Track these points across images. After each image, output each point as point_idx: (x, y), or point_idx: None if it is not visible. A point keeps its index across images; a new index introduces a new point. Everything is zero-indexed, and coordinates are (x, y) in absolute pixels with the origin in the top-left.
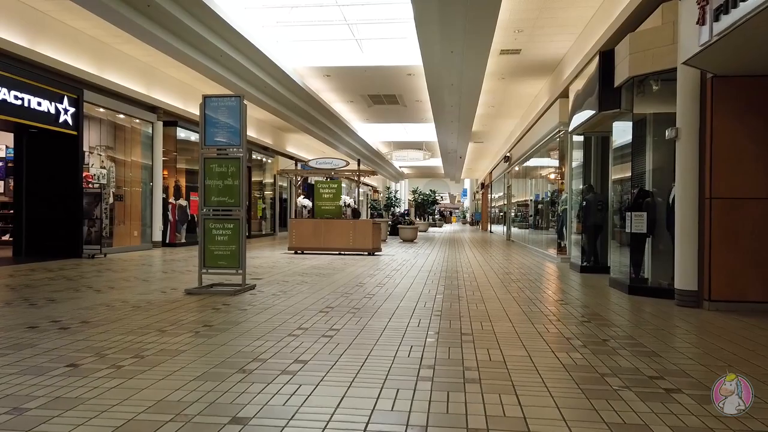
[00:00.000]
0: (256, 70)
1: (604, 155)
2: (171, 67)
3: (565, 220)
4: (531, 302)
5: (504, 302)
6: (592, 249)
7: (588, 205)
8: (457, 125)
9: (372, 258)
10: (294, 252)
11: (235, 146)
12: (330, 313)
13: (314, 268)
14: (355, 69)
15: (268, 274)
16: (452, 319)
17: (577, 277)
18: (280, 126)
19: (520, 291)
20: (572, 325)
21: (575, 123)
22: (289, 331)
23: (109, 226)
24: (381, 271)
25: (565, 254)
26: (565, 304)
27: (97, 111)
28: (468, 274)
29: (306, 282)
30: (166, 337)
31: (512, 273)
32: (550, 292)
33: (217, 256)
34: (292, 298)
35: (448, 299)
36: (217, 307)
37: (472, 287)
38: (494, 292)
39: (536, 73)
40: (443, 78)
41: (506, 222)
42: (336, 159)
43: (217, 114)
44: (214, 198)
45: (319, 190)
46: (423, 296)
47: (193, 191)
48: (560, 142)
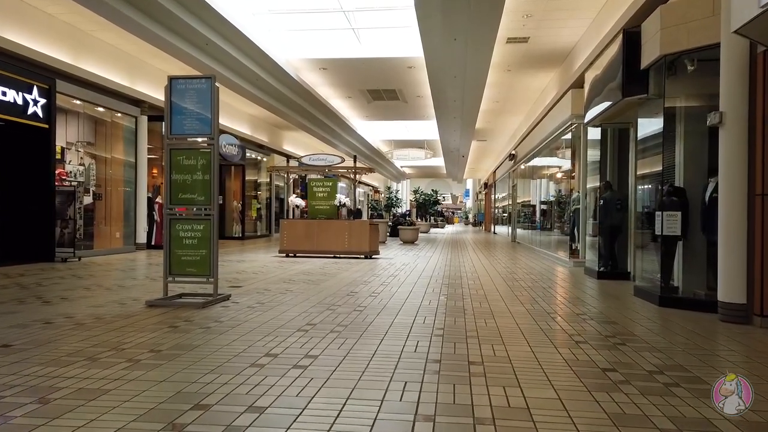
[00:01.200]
0: (247, 61)
1: (623, 149)
2: (156, 58)
3: (578, 221)
4: (548, 317)
5: (516, 317)
6: (609, 253)
7: (605, 205)
8: (459, 122)
9: (369, 262)
10: (285, 255)
11: (205, 135)
12: (310, 332)
13: (304, 273)
14: (352, 61)
15: (249, 281)
16: (457, 340)
17: (594, 285)
18: (277, 123)
19: (533, 302)
20: (603, 349)
21: (592, 114)
22: (254, 360)
23: (88, 227)
24: (377, 277)
25: (577, 258)
26: (589, 320)
27: (73, 103)
28: (473, 280)
29: (290, 291)
30: (94, 369)
31: (521, 279)
32: (568, 304)
33: (185, 262)
34: (269, 312)
35: (452, 313)
36: (177, 324)
37: (478, 297)
38: (504, 303)
39: (545, 64)
40: (446, 69)
41: (511, 223)
42: (331, 155)
43: (185, 99)
44: (181, 195)
45: (313, 189)
46: (422, 309)
47: None
48: (572, 137)
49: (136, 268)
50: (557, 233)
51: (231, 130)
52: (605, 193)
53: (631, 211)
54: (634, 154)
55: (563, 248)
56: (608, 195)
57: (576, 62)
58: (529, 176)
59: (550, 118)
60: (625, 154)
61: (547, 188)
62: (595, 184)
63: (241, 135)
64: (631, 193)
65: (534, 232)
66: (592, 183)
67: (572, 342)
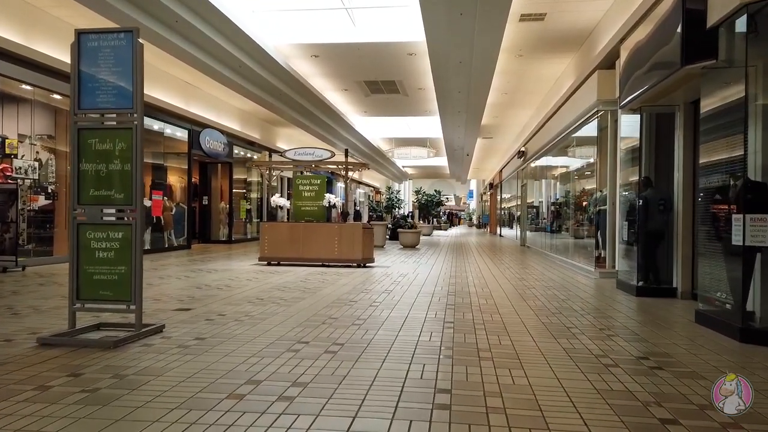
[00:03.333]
0: (226, 43)
1: (665, 139)
2: None
3: (603, 224)
4: (604, 368)
5: (555, 364)
6: (650, 263)
7: (646, 205)
8: (464, 117)
9: (361, 272)
10: (267, 263)
11: (125, 110)
12: (246, 401)
13: (279, 288)
14: (346, 47)
15: (206, 300)
16: (474, 420)
17: (634, 304)
18: (269, 119)
19: (570, 336)
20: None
21: (630, 93)
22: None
23: (42, 231)
24: (366, 293)
25: (604, 267)
26: (658, 369)
27: (23, 89)
28: (484, 299)
29: (250, 316)
30: None
31: (544, 297)
32: (619, 339)
33: (99, 282)
34: (203, 357)
35: (461, 357)
36: (52, 382)
37: (496, 328)
38: (530, 337)
39: (563, 46)
40: (450, 53)
41: (521, 225)
42: (320, 149)
43: (97, 61)
44: (93, 192)
45: (299, 187)
46: (420, 350)
47: (156, 189)
48: (598, 126)
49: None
50: (575, 237)
51: (217, 125)
52: (645, 191)
53: (677, 213)
54: (680, 144)
55: (584, 255)
56: (649, 193)
57: (604, 37)
58: (541, 174)
59: (569, 108)
60: (669, 144)
61: (565, 186)
62: (627, 180)
63: (229, 131)
64: (677, 190)
65: (547, 236)
66: (625, 179)
67: (655, 422)
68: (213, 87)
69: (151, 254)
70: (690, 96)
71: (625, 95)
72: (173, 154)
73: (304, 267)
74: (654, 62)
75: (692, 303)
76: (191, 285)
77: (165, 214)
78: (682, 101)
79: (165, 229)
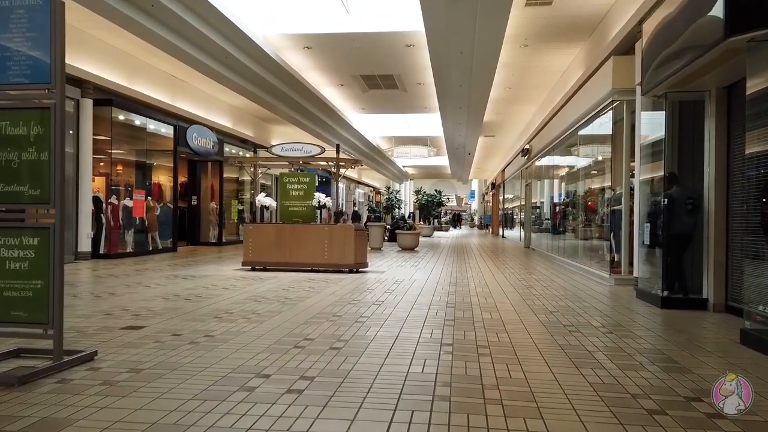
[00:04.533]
0: (209, 31)
1: (692, 130)
2: (103, 30)
3: (617, 225)
4: (648, 418)
5: (586, 413)
6: (677, 270)
7: (671, 204)
8: (466, 113)
9: (352, 278)
10: (251, 268)
11: (41, 86)
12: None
13: (255, 299)
14: (340, 38)
15: (165, 315)
16: None
17: (662, 318)
18: (263, 116)
19: (599, 368)
20: None
21: (655, 78)
22: None
23: None
24: (354, 305)
25: (619, 273)
26: (718, 418)
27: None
28: (488, 311)
29: (209, 337)
30: None
31: (557, 308)
32: (657, 370)
33: (9, 300)
34: (126, 400)
35: (461, 400)
36: None
37: (503, 352)
38: (549, 369)
39: (572, 34)
40: (450, 43)
41: (526, 226)
42: (309, 144)
43: (8, 25)
44: (2, 187)
45: (286, 186)
46: (410, 388)
47: (138, 188)
48: (613, 118)
49: None
50: (584, 239)
51: (206, 122)
52: (671, 189)
53: (708, 213)
54: (712, 135)
55: (596, 259)
56: (675, 191)
57: (621, 18)
58: (546, 172)
59: (579, 100)
60: (697, 135)
61: (573, 185)
62: (647, 176)
63: (219, 128)
64: (707, 187)
65: (553, 238)
66: (645, 175)
67: None
68: (202, 81)
69: (134, 257)
70: (724, 79)
71: (649, 80)
72: (158, 151)
73: (291, 273)
74: (686, 38)
75: (727, 317)
76: (158, 295)
77: (149, 214)
78: (715, 86)
79: (149, 230)
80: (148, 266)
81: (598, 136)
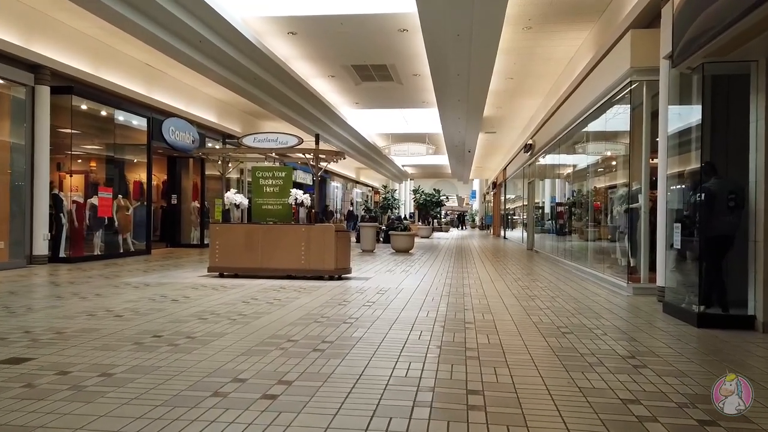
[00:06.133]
0: (181, 13)
1: (732, 111)
2: (65, 12)
3: (633, 225)
4: None
5: None
6: (715, 280)
7: (710, 200)
8: (465, 107)
9: (330, 286)
10: (218, 275)
11: None
12: None
13: (198, 318)
14: (327, 21)
15: (73, 340)
16: None
17: (703, 344)
18: (251, 110)
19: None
20: None
21: (692, 44)
22: None
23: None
24: (319, 325)
25: (638, 281)
26: None
27: None
28: (485, 333)
29: (107, 375)
30: None
31: (572, 330)
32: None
33: None
34: None
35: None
36: None
37: (504, 399)
38: (565, 427)
39: (580, 14)
40: (446, 23)
41: (529, 227)
42: (285, 134)
43: None
44: None
45: (259, 181)
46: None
47: (104, 186)
48: (631, 103)
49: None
50: (595, 241)
51: (187, 115)
52: (708, 182)
53: (754, 211)
54: (760, 115)
55: (609, 264)
56: (714, 184)
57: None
58: (551, 169)
59: (590, 85)
60: (739, 117)
61: (581, 182)
62: (674, 169)
63: (202, 121)
64: (753, 180)
65: (558, 239)
66: (672, 168)
67: None
68: (182, 71)
69: (101, 261)
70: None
71: (682, 50)
72: (130, 145)
73: (263, 280)
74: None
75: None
76: (87, 310)
77: (119, 214)
78: (765, 54)
79: (121, 232)
80: (106, 272)
81: (612, 124)
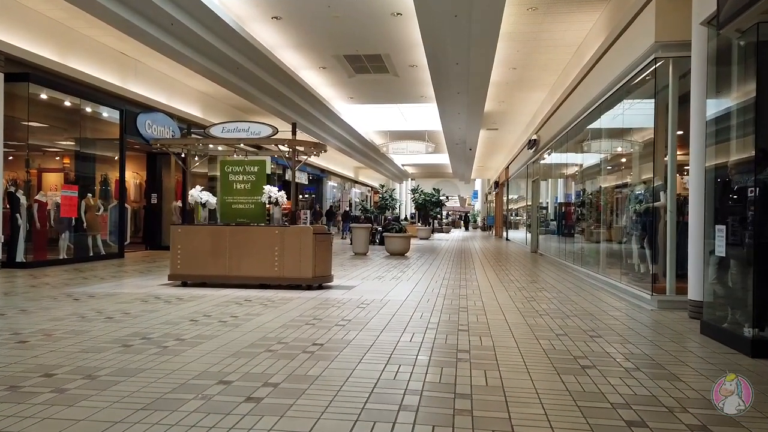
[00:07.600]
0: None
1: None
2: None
3: (655, 227)
4: None
5: None
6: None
7: (766, 196)
8: (465, 100)
9: (306, 298)
10: (181, 284)
11: None
12: None
13: (122, 345)
14: (313, 3)
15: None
16: None
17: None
18: (240, 105)
19: None
20: None
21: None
22: None
23: None
24: (271, 356)
25: (663, 292)
26: None
27: None
28: (483, 367)
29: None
30: None
31: (593, 363)
32: None
33: None
34: None
35: None
36: None
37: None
38: None
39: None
40: (443, 3)
41: (533, 228)
42: (257, 123)
43: None
44: None
45: (228, 177)
46: None
47: (68, 184)
48: (655, 85)
49: None
50: (608, 243)
51: (168, 108)
52: (763, 173)
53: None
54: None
55: (625, 270)
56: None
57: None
58: (558, 167)
59: (606, 66)
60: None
61: (593, 178)
62: (712, 161)
63: (185, 116)
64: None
65: (565, 242)
66: (712, 160)
67: None
68: (162, 62)
69: (65, 265)
70: None
71: (731, 6)
72: (100, 140)
73: (231, 290)
74: None
75: None
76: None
77: (88, 215)
78: None
79: (90, 233)
80: (61, 279)
81: (631, 112)
